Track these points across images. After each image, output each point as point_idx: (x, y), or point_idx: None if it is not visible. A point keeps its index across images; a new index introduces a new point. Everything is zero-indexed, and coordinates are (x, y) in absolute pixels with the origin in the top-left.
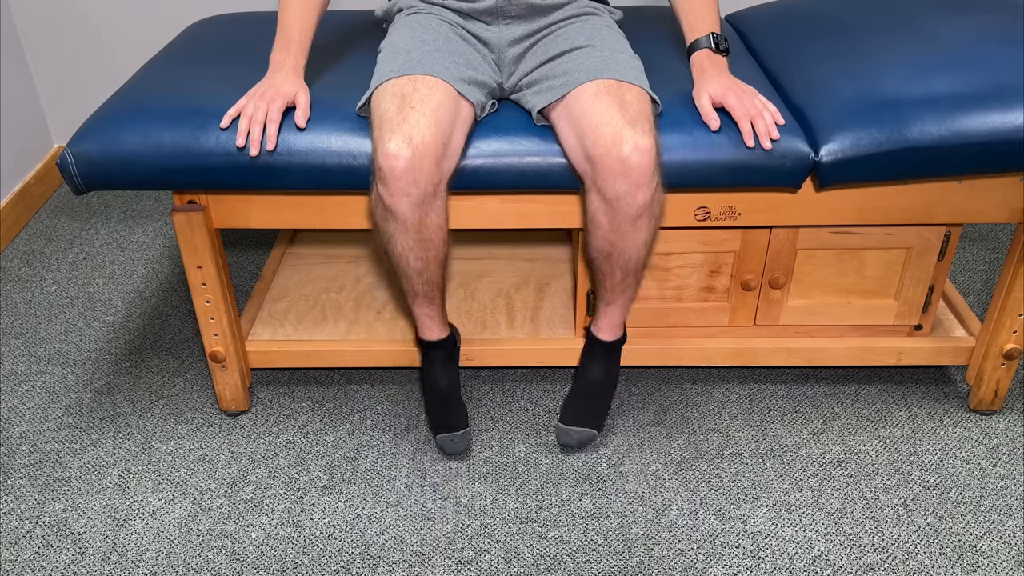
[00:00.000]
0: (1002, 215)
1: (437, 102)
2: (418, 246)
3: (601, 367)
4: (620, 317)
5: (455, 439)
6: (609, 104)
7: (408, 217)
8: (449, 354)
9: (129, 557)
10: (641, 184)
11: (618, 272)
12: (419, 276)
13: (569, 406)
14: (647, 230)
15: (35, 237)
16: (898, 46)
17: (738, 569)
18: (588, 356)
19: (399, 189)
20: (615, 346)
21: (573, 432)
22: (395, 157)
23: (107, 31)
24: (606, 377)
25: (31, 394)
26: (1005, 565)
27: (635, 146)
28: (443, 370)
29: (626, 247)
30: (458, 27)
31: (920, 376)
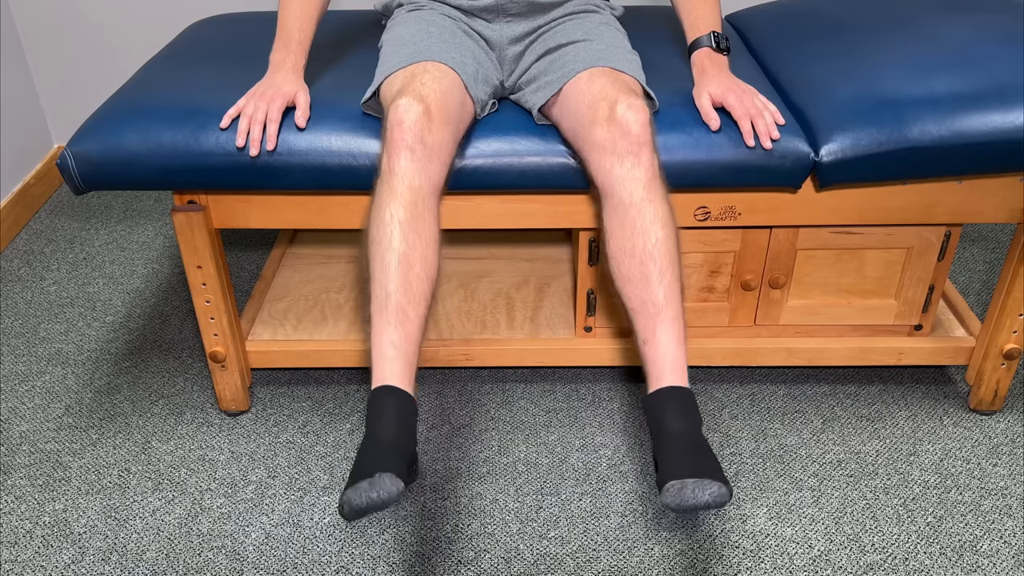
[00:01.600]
0: (1002, 215)
1: (446, 86)
2: (410, 217)
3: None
4: (678, 342)
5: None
6: (603, 83)
7: (407, 175)
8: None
9: (129, 557)
10: (643, 142)
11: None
12: (399, 268)
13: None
14: (662, 204)
15: (35, 237)
16: (898, 46)
17: (738, 569)
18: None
19: (405, 142)
20: (689, 394)
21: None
22: (406, 110)
23: (107, 31)
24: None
25: (31, 394)
26: (1005, 565)
27: (629, 105)
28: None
29: (647, 225)
30: (461, 23)
31: (920, 376)
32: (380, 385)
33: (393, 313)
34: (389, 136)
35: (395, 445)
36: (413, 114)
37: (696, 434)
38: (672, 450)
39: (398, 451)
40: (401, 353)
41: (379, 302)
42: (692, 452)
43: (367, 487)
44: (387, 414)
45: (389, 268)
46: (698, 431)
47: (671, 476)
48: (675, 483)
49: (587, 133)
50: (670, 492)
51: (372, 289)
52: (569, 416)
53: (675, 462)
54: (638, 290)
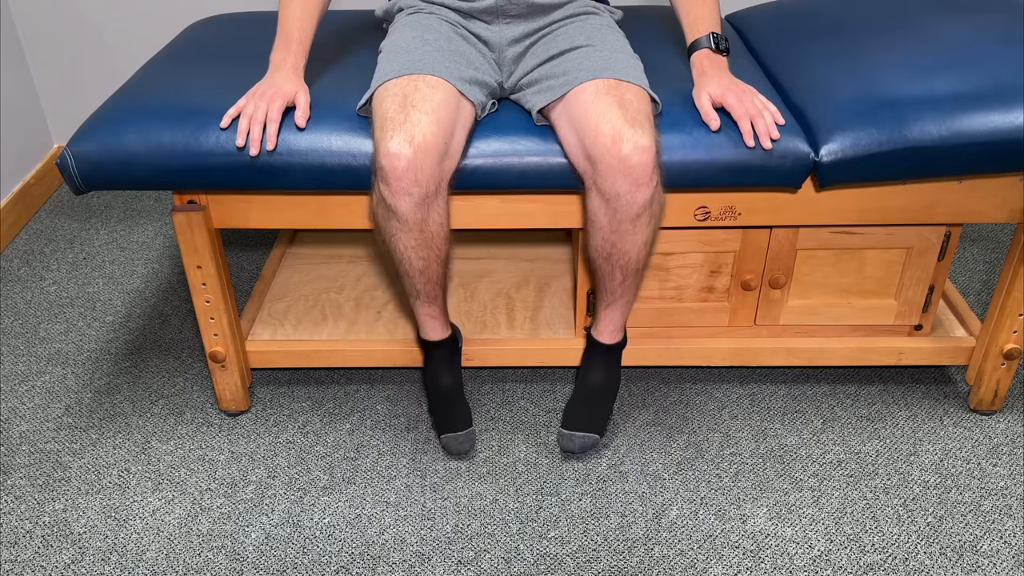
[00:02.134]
0: (1002, 215)
1: (439, 101)
2: (420, 245)
3: (602, 371)
4: (621, 319)
5: (459, 439)
6: (609, 103)
7: (410, 216)
8: (451, 354)
9: (129, 557)
10: (641, 183)
11: (618, 273)
12: (421, 275)
13: (571, 411)
14: (647, 230)
15: (35, 237)
16: (898, 46)
17: (738, 569)
18: (589, 360)
19: (401, 188)
20: (616, 349)
21: (576, 437)
22: (397, 156)
23: (107, 31)
24: (607, 381)
25: (31, 394)
26: (1005, 565)
27: (635, 145)
28: (446, 370)
29: (626, 247)
30: (459, 26)
31: (920, 376)
32: (429, 339)
33: (423, 301)
34: (386, 176)
35: (460, 393)
36: (404, 161)
37: (602, 389)
38: (577, 401)
39: (464, 401)
40: (436, 317)
41: (411, 294)
42: (588, 406)
43: (464, 438)
44: (442, 364)
45: (414, 277)
46: (605, 385)
47: (564, 424)
48: (563, 431)
49: (588, 152)
50: (561, 435)
51: (403, 281)
52: None
53: (574, 411)
54: (604, 279)
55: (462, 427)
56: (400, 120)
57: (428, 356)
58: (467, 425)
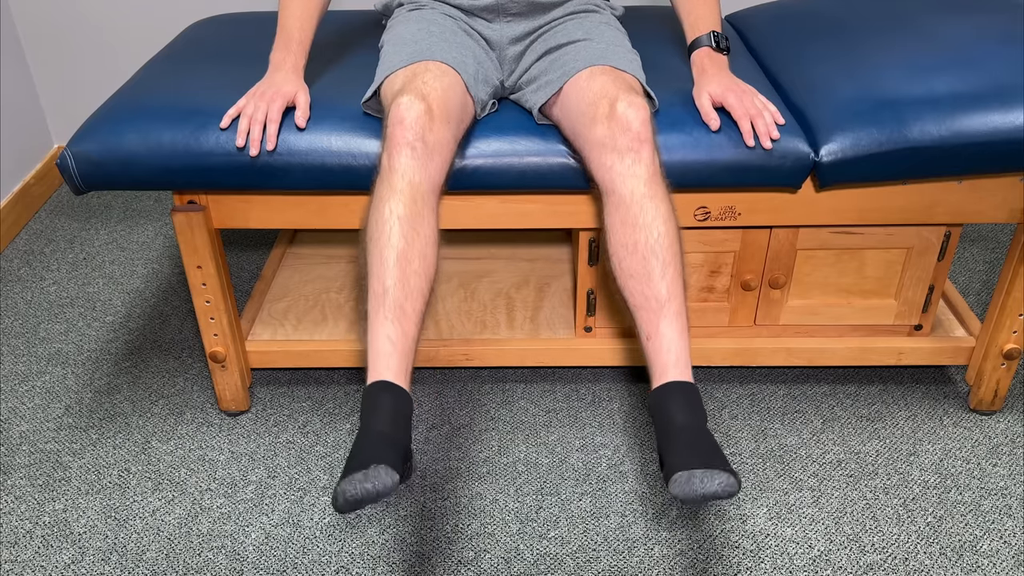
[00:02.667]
0: (1002, 215)
1: (447, 85)
2: (409, 214)
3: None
4: (680, 339)
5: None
6: (604, 81)
7: (407, 171)
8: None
9: (129, 557)
10: (643, 139)
11: (654, 261)
12: (397, 264)
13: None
14: (665, 200)
15: (35, 237)
16: (898, 46)
17: (738, 569)
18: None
19: (406, 140)
20: (693, 388)
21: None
22: (408, 108)
23: (107, 31)
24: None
25: (31, 394)
26: (1005, 565)
27: (629, 103)
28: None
29: (649, 221)
30: (461, 22)
31: (920, 376)
32: (375, 380)
33: (391, 309)
34: (390, 134)
35: (390, 438)
36: (414, 112)
37: (702, 427)
38: (679, 442)
39: (393, 444)
40: (398, 349)
41: (376, 298)
42: (698, 444)
43: (361, 478)
44: (382, 408)
45: (387, 264)
46: (704, 425)
47: (679, 467)
48: (683, 473)
49: (587, 131)
50: (678, 482)
51: (369, 284)
52: (569, 416)
53: (682, 453)
54: (640, 286)
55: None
56: (411, 83)
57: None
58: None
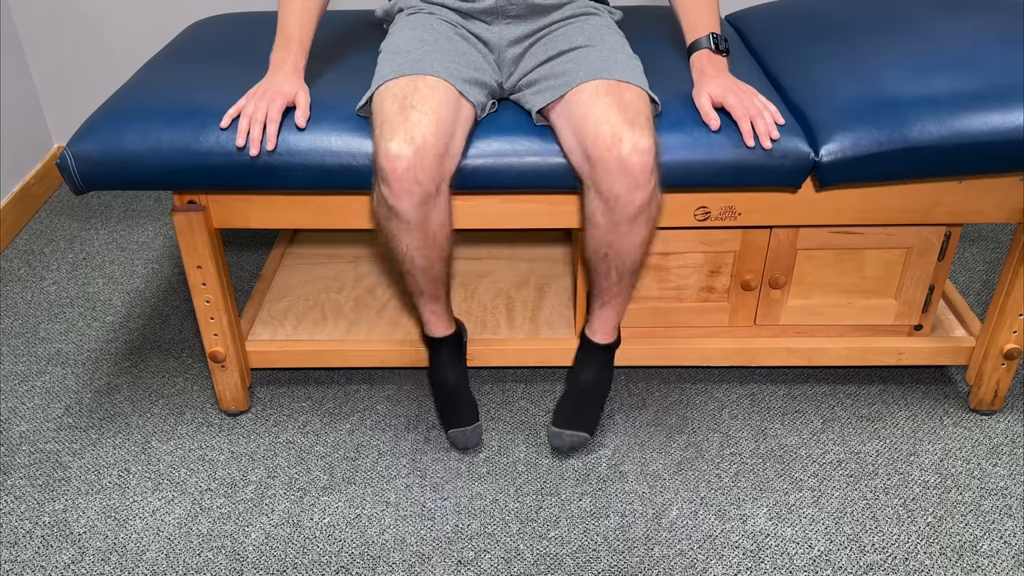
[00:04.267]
0: (1002, 215)
1: (438, 102)
2: (422, 244)
3: (594, 370)
4: (615, 319)
5: (466, 434)
6: (608, 104)
7: (411, 216)
8: (456, 349)
9: (129, 557)
10: (640, 184)
11: (614, 273)
12: (424, 274)
13: (561, 409)
14: (644, 230)
15: (35, 237)
16: (898, 46)
17: (738, 569)
18: (581, 359)
19: (402, 189)
20: (609, 349)
21: (565, 435)
22: (397, 157)
23: (107, 31)
24: (599, 380)
25: (31, 394)
26: (1005, 565)
27: (634, 146)
28: (451, 365)
29: (623, 247)
30: (459, 27)
31: (920, 376)
32: (435, 336)
33: (427, 298)
34: (386, 177)
35: (466, 387)
36: (404, 161)
37: (598, 391)
38: (562, 400)
39: (471, 397)
40: (440, 313)
41: (415, 292)
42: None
43: (471, 432)
44: (449, 361)
45: (417, 276)
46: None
47: (556, 422)
48: (553, 429)
49: (588, 152)
50: (551, 433)
51: (407, 281)
52: None
53: (559, 412)
54: (602, 278)
55: (469, 422)
56: (400, 121)
57: (433, 352)
58: (474, 420)
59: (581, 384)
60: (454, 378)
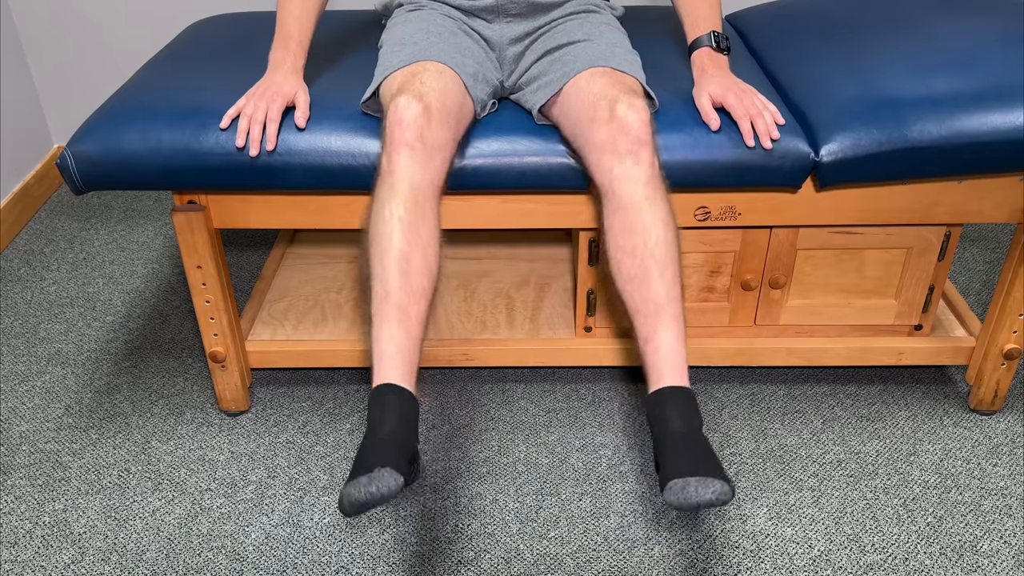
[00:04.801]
0: (1002, 215)
1: (445, 85)
2: (410, 215)
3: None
4: (679, 344)
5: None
6: (604, 83)
7: (407, 173)
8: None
9: (129, 557)
10: (643, 142)
11: (652, 265)
12: (398, 266)
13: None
14: (663, 204)
15: (35, 237)
16: (898, 46)
17: (738, 569)
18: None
19: (405, 140)
20: (690, 394)
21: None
22: (405, 108)
23: (107, 31)
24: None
25: (31, 394)
26: (1005, 565)
27: (630, 105)
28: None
29: (649, 222)
30: (461, 23)
31: (920, 376)
32: (381, 383)
33: (393, 311)
34: (388, 135)
35: (395, 440)
36: (412, 112)
37: (697, 433)
38: (674, 449)
39: (398, 446)
40: (402, 351)
41: (379, 300)
42: (694, 451)
43: (366, 481)
44: (388, 411)
45: (389, 266)
46: (699, 431)
47: (674, 474)
48: (678, 481)
49: (587, 133)
50: (673, 490)
51: (372, 287)
52: (569, 416)
53: (678, 460)
54: (639, 289)
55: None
56: (409, 84)
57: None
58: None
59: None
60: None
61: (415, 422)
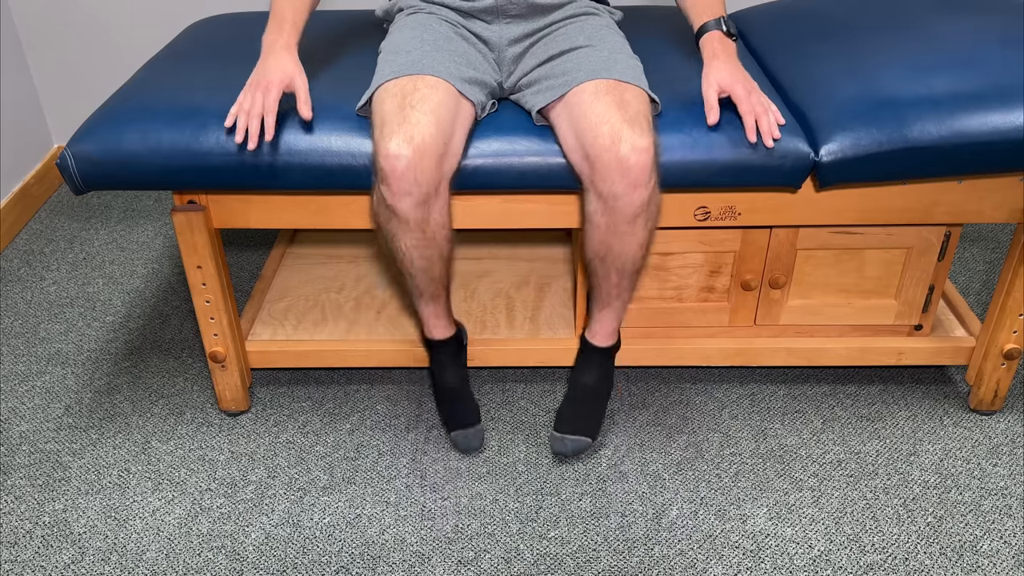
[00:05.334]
0: (1002, 215)
1: (438, 101)
2: (422, 244)
3: (595, 373)
4: (615, 322)
5: (469, 435)
6: (608, 103)
7: (411, 216)
8: (456, 351)
9: (129, 557)
10: (639, 184)
11: (613, 274)
12: (424, 274)
13: (563, 413)
14: (644, 231)
15: (35, 237)
16: (898, 46)
17: (738, 569)
18: (582, 362)
19: (401, 189)
20: (610, 352)
21: (568, 440)
22: (396, 157)
23: (107, 31)
24: (600, 383)
25: (31, 394)
26: (1005, 565)
27: (633, 146)
28: (452, 367)
29: (623, 248)
30: (459, 26)
31: (920, 376)
32: (434, 339)
33: (427, 298)
34: (385, 177)
35: (466, 388)
36: (404, 161)
37: (599, 393)
38: (564, 405)
39: (469, 394)
40: (440, 315)
41: (416, 293)
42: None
43: (473, 434)
44: (448, 365)
45: (416, 277)
46: (604, 391)
47: (555, 427)
48: (555, 434)
49: (587, 152)
50: (551, 439)
51: (407, 281)
52: None
53: (561, 416)
54: (600, 280)
55: (471, 423)
56: (399, 121)
57: (433, 354)
58: (476, 421)
59: (582, 387)
60: (455, 380)
61: (464, 350)
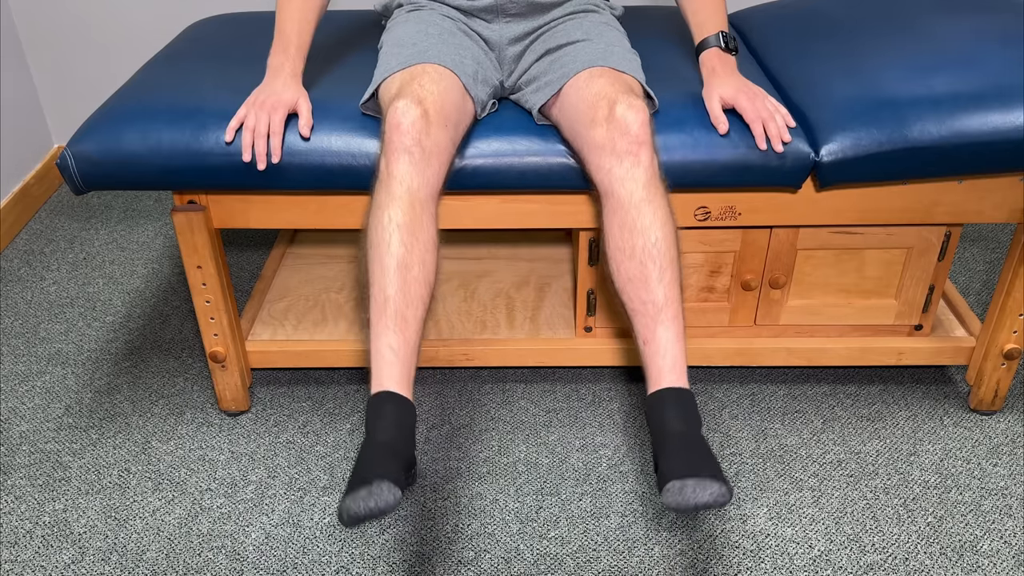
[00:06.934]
0: (1002, 215)
1: (444, 88)
2: (407, 220)
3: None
4: (678, 343)
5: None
6: (603, 83)
7: (406, 178)
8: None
9: (129, 557)
10: (641, 141)
11: (651, 266)
12: (397, 272)
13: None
14: (663, 201)
15: (35, 237)
16: (898, 46)
17: (738, 569)
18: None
19: (403, 145)
20: (689, 395)
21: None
22: (404, 112)
23: (107, 31)
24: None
25: (31, 394)
26: (1005, 565)
27: (629, 105)
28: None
29: (649, 222)
30: (460, 23)
31: (920, 376)
32: (379, 391)
33: (392, 318)
34: (387, 139)
35: (393, 450)
36: (411, 117)
37: (696, 435)
38: (672, 450)
39: (396, 457)
40: (400, 358)
41: (378, 306)
42: (692, 452)
43: (365, 495)
44: (385, 419)
45: (388, 272)
46: (698, 432)
47: (672, 476)
48: (676, 483)
49: (586, 133)
50: (671, 492)
51: (371, 293)
52: (569, 416)
53: (675, 462)
54: (638, 290)
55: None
56: (409, 87)
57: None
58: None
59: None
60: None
61: (412, 429)
